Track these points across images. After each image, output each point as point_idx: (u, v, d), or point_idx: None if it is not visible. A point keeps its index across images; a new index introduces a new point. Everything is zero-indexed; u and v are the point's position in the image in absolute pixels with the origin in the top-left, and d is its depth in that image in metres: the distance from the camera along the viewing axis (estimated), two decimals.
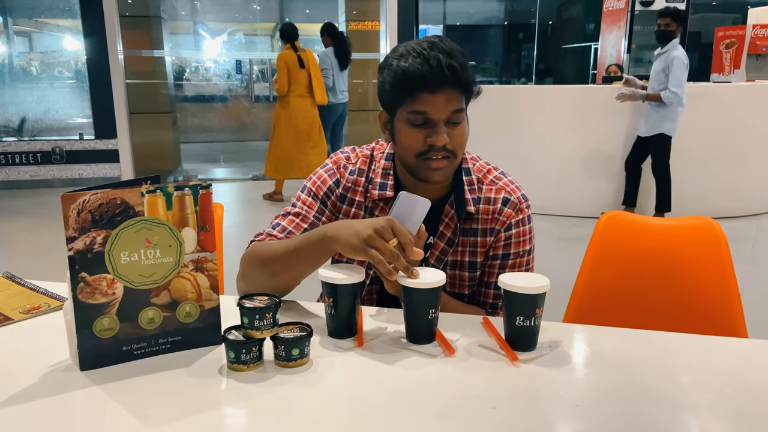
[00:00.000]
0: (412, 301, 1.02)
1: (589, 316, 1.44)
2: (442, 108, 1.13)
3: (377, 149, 1.32)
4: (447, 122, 1.15)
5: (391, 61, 1.15)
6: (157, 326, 0.98)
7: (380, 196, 1.26)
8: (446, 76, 1.11)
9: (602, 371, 0.98)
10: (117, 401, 0.86)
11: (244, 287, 1.22)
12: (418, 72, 1.11)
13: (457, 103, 1.14)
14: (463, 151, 1.22)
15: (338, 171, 1.29)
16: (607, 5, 8.18)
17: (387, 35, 7.42)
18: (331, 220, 1.26)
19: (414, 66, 1.11)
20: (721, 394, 0.91)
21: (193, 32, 10.51)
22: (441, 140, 1.14)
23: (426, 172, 1.18)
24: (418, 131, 1.16)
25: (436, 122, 1.14)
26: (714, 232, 1.41)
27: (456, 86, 1.13)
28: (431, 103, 1.13)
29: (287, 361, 0.95)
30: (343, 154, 1.32)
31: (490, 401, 0.86)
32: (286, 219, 1.27)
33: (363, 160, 1.30)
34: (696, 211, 4.64)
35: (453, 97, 1.13)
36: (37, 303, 1.20)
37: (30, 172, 6.64)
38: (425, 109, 1.14)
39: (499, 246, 1.26)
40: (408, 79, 1.12)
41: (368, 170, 1.29)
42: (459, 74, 1.11)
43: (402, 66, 1.13)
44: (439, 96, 1.12)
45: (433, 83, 1.11)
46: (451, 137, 1.16)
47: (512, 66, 14.56)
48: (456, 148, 1.17)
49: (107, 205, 0.91)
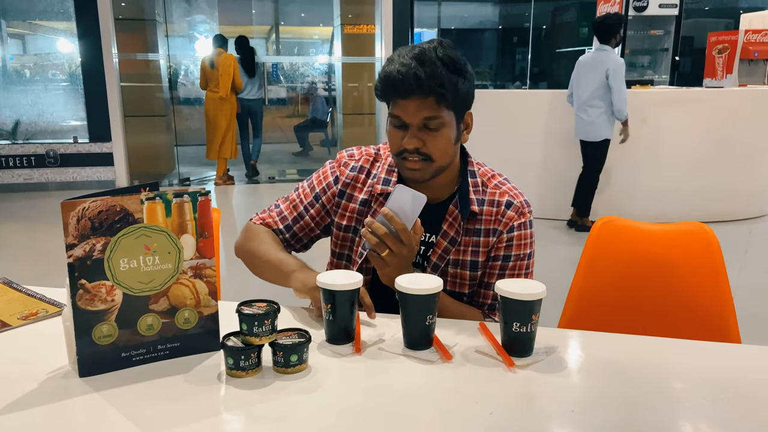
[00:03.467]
0: (410, 307, 1.03)
1: (584, 322, 1.45)
2: (414, 114, 1.18)
3: (384, 148, 1.37)
4: (422, 127, 1.19)
5: (384, 65, 1.22)
6: (156, 333, 0.98)
7: (382, 191, 1.30)
8: (411, 84, 1.15)
9: (597, 377, 0.99)
10: (116, 408, 0.87)
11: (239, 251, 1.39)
12: (391, 78, 1.17)
13: (429, 111, 1.18)
14: (444, 155, 1.23)
15: (339, 168, 1.35)
16: (600, 10, 8.23)
17: (382, 39, 7.44)
18: (320, 214, 1.36)
19: (391, 72, 1.17)
20: (715, 400, 0.92)
21: (189, 35, 10.50)
22: (410, 143, 1.20)
23: (403, 171, 1.26)
24: (397, 132, 1.23)
25: (410, 126, 1.19)
26: (707, 238, 1.42)
27: (425, 94, 1.16)
28: (404, 108, 1.19)
29: (286, 368, 0.95)
30: (347, 152, 1.37)
31: (487, 407, 0.87)
32: (285, 203, 1.39)
33: (366, 158, 1.35)
34: (689, 216, 4.68)
35: (425, 104, 1.17)
36: (35, 309, 1.20)
37: (24, 176, 6.61)
38: (399, 114, 1.20)
39: (501, 247, 1.28)
40: (384, 84, 1.20)
41: (370, 167, 1.34)
42: (423, 83, 1.14)
43: (385, 71, 1.20)
44: (411, 102, 1.18)
45: (401, 90, 1.17)
46: (426, 142, 1.20)
47: (507, 70, 14.60)
48: (432, 152, 1.21)
49: (107, 212, 0.91)
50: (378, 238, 1.14)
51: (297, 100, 11.46)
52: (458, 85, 1.18)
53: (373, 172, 1.34)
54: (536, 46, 13.25)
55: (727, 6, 13.22)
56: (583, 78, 4.59)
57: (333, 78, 9.81)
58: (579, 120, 4.64)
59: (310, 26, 12.84)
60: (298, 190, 1.39)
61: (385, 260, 1.15)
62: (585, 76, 4.58)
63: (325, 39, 11.71)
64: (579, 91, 4.63)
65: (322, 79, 11.20)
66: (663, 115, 5.02)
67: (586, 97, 4.55)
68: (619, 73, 4.41)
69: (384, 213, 1.13)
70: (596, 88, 4.49)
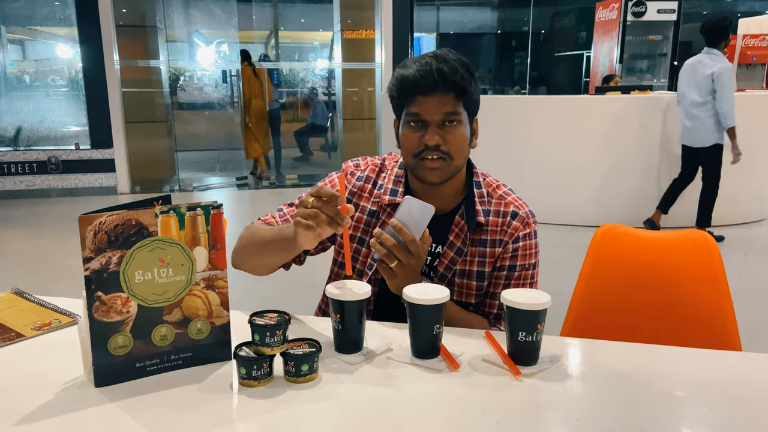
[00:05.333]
0: (417, 317, 1.05)
1: (586, 329, 1.47)
2: (435, 110, 1.22)
3: (389, 159, 1.39)
4: (442, 124, 1.23)
5: (396, 71, 1.26)
6: (170, 343, 1.00)
7: (390, 202, 1.32)
8: (435, 78, 1.19)
9: (601, 385, 1.01)
10: (131, 417, 0.89)
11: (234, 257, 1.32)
12: (411, 76, 1.22)
13: (449, 106, 1.22)
14: (461, 155, 1.26)
15: (346, 177, 1.37)
16: (599, 15, 8.27)
17: (382, 44, 7.48)
18: None
19: (410, 71, 1.22)
20: (717, 408, 0.94)
21: (189, 41, 10.54)
22: (432, 140, 1.22)
23: (422, 172, 1.26)
24: (414, 132, 1.25)
25: (430, 123, 1.23)
26: (707, 245, 1.45)
27: (447, 89, 1.21)
28: (424, 105, 1.22)
29: (297, 377, 0.97)
30: (353, 162, 1.40)
31: (494, 416, 0.89)
32: (289, 208, 1.37)
33: (372, 168, 1.38)
34: (690, 220, 4.70)
35: (446, 100, 1.21)
36: (48, 319, 1.23)
37: (26, 182, 6.63)
38: (419, 111, 1.23)
39: (506, 257, 1.30)
40: (404, 83, 1.23)
41: (376, 177, 1.36)
42: (447, 77, 1.19)
43: (401, 73, 1.24)
44: (432, 98, 1.21)
45: (425, 85, 1.20)
46: (446, 139, 1.23)
47: (506, 74, 14.66)
48: (451, 150, 1.23)
49: (122, 225, 0.94)
50: (387, 249, 1.16)
51: (297, 105, 11.49)
52: (473, 86, 1.24)
53: (379, 182, 1.36)
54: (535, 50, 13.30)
55: (725, 11, 13.27)
56: (691, 83, 4.56)
57: (333, 83, 9.85)
58: (685, 125, 4.61)
59: (309, 31, 12.89)
60: (302, 196, 1.38)
61: (394, 271, 1.17)
62: (692, 80, 4.55)
63: (324, 44, 11.75)
64: (686, 96, 4.59)
65: (322, 84, 11.24)
66: (663, 120, 5.05)
67: (694, 102, 4.52)
68: (726, 78, 4.38)
69: (393, 224, 1.16)
70: (703, 93, 4.46)
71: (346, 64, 7.93)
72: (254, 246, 1.28)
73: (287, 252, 1.19)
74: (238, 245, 1.31)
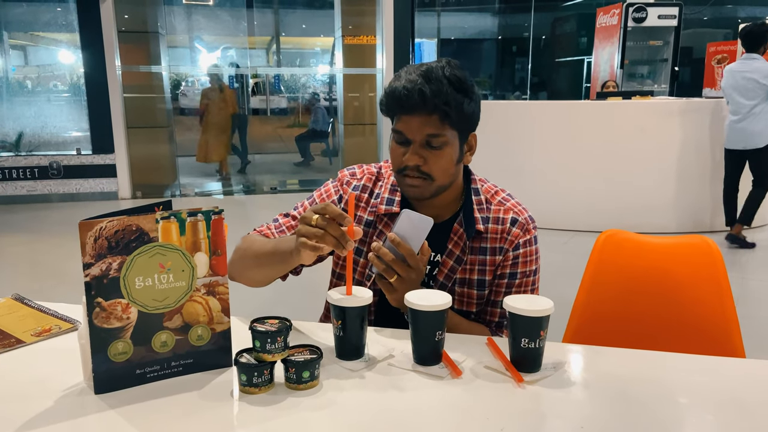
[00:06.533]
0: (419, 323, 1.04)
1: (589, 336, 1.46)
2: (417, 130, 1.19)
3: (386, 167, 1.36)
4: (425, 144, 1.20)
5: (390, 81, 1.23)
6: (170, 349, 1.00)
7: (386, 211, 1.30)
8: (416, 100, 1.16)
9: (604, 392, 1.00)
10: (132, 424, 0.88)
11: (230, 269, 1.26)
12: (396, 93, 1.18)
13: (433, 128, 1.18)
14: (445, 175, 1.23)
15: (341, 187, 1.35)
16: (600, 21, 8.29)
17: (383, 50, 7.49)
18: None
19: (397, 88, 1.18)
20: (721, 415, 0.93)
21: (190, 47, 10.57)
22: (411, 160, 1.20)
23: (403, 188, 1.26)
24: (399, 148, 1.23)
25: (413, 142, 1.20)
26: (710, 251, 1.44)
27: (430, 111, 1.16)
28: (407, 124, 1.20)
29: (298, 384, 0.97)
30: (349, 171, 1.37)
31: (497, 423, 0.88)
32: (285, 218, 1.35)
33: (368, 177, 1.35)
34: (693, 225, 4.70)
35: (429, 121, 1.18)
36: (48, 325, 1.22)
37: (27, 187, 6.64)
38: (403, 129, 1.21)
39: (507, 265, 1.29)
40: (389, 99, 1.21)
41: (373, 186, 1.34)
42: (428, 100, 1.15)
43: (391, 86, 1.20)
44: (414, 118, 1.18)
45: (406, 105, 1.18)
46: (427, 160, 1.20)
47: (506, 80, 14.69)
48: (432, 171, 1.21)
49: (123, 231, 0.93)
50: (386, 264, 1.13)
51: (298, 110, 11.52)
52: (463, 105, 1.18)
53: (375, 191, 1.33)
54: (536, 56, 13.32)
55: (726, 16, 13.30)
56: (740, 88, 4.63)
57: (334, 88, 9.87)
58: (739, 129, 4.65)
59: (311, 37, 12.92)
60: (298, 207, 1.36)
61: (394, 285, 1.14)
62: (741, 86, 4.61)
63: (325, 49, 11.77)
64: (737, 101, 4.65)
65: (323, 89, 11.27)
66: (663, 126, 5.06)
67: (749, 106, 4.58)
68: None
69: (391, 238, 1.13)
70: (757, 96, 4.55)
71: (347, 69, 7.94)
72: (251, 259, 1.26)
73: (285, 265, 1.19)
74: (235, 257, 1.29)
